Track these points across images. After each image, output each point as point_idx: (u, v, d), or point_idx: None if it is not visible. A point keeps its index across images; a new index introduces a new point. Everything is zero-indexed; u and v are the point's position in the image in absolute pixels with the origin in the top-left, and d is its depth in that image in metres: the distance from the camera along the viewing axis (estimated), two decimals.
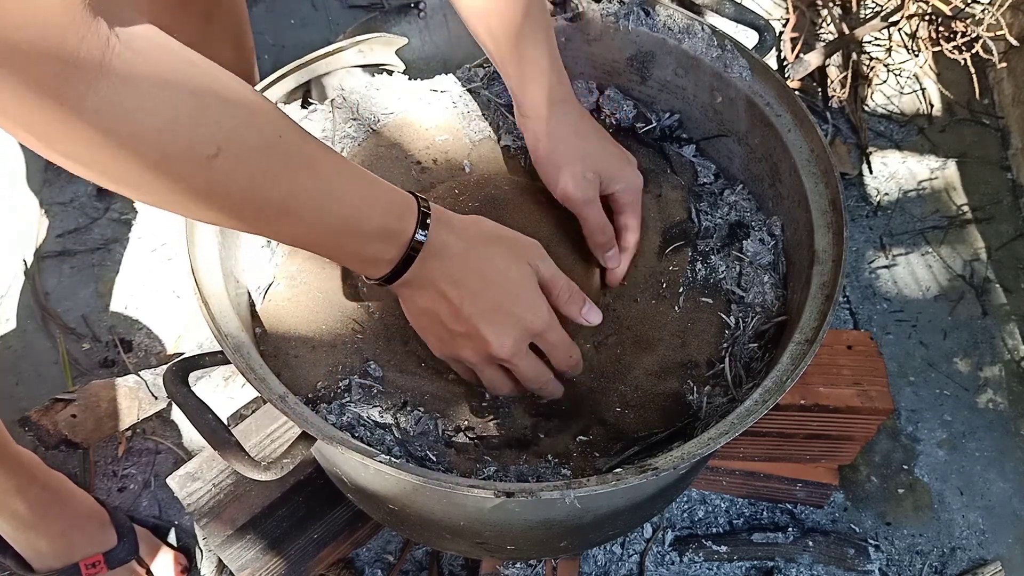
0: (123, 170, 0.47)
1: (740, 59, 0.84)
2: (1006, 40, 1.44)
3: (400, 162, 0.87)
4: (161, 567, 1.10)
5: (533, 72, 0.77)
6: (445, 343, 0.69)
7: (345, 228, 0.59)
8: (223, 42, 1.12)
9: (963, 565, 1.18)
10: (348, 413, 0.70)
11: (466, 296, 0.65)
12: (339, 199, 0.58)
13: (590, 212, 0.79)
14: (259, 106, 0.53)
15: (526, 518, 0.72)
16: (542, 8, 0.76)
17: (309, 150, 0.56)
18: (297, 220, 0.57)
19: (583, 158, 0.78)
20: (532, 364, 0.70)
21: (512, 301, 0.67)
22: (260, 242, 0.81)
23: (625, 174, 0.81)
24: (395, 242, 0.62)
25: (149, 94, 0.45)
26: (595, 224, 0.79)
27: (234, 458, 0.61)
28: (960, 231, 1.47)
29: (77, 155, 0.45)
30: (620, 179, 0.81)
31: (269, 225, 0.57)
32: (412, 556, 1.13)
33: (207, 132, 0.48)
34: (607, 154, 0.81)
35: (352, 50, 0.87)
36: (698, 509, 1.19)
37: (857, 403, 0.99)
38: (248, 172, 0.52)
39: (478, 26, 0.77)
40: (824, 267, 0.73)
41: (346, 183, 0.59)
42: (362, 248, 0.61)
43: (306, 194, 0.56)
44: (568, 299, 0.72)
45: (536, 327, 0.68)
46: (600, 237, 0.79)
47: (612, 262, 0.81)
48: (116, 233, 1.41)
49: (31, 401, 1.21)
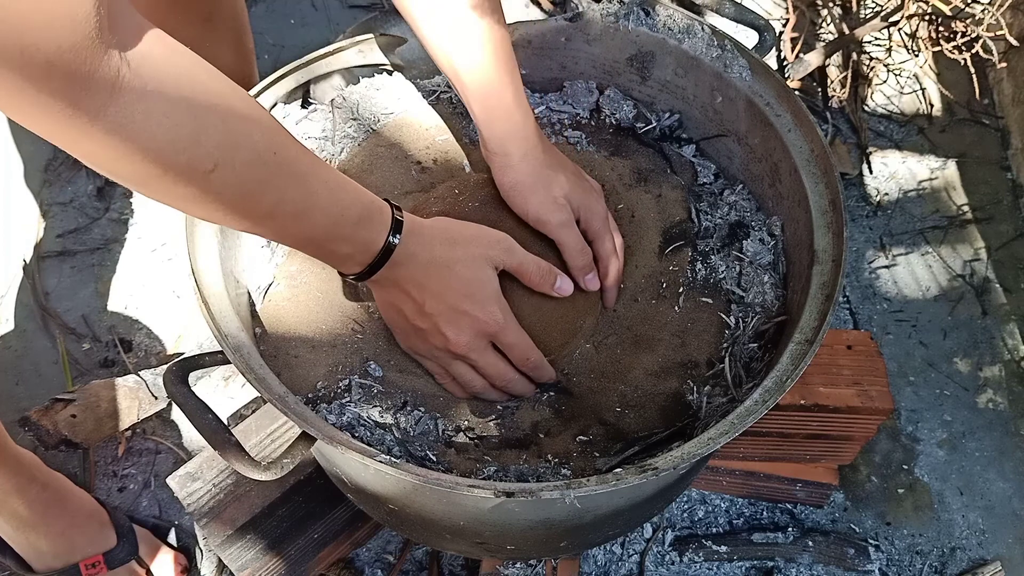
0: (129, 174, 0.53)
1: (740, 59, 0.84)
2: (1006, 40, 1.44)
3: (400, 162, 0.87)
4: (161, 567, 1.10)
5: (499, 111, 0.77)
6: (411, 336, 0.75)
7: (324, 233, 0.65)
8: (223, 43, 1.12)
9: (963, 565, 1.18)
10: (348, 413, 0.70)
11: (428, 297, 0.71)
12: (322, 208, 0.63)
13: (567, 235, 0.78)
14: (257, 122, 0.57)
15: (526, 518, 0.72)
16: (505, 43, 0.76)
17: (301, 165, 0.61)
18: (282, 223, 0.63)
19: (550, 186, 0.78)
20: (492, 361, 0.74)
21: (469, 303, 0.71)
22: (260, 242, 0.81)
23: (590, 202, 0.81)
24: (367, 249, 0.67)
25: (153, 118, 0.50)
26: (573, 247, 0.78)
27: (234, 458, 0.62)
28: (960, 231, 1.47)
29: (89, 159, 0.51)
30: (586, 207, 0.80)
31: (255, 226, 0.63)
32: (412, 556, 1.13)
33: (205, 151, 0.53)
34: (573, 184, 0.80)
35: (352, 50, 0.87)
36: (698, 509, 1.19)
37: (857, 403, 0.99)
38: (240, 183, 0.57)
39: (443, 62, 0.77)
40: (824, 267, 0.73)
41: (331, 194, 0.64)
42: (337, 249, 0.67)
43: (292, 203, 0.61)
44: (540, 279, 0.76)
45: (490, 328, 0.73)
46: (580, 260, 0.79)
47: (592, 284, 0.80)
48: (116, 233, 1.41)
49: (31, 401, 1.21)
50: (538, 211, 0.78)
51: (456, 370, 0.75)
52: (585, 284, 0.80)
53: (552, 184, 0.78)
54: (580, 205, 0.80)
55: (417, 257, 0.69)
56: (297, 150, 0.61)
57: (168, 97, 0.50)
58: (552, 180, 0.78)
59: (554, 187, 0.78)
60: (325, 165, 0.65)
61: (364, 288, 0.79)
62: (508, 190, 0.79)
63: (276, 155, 0.58)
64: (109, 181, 1.45)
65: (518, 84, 0.78)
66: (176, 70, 0.51)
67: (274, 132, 0.59)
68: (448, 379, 0.77)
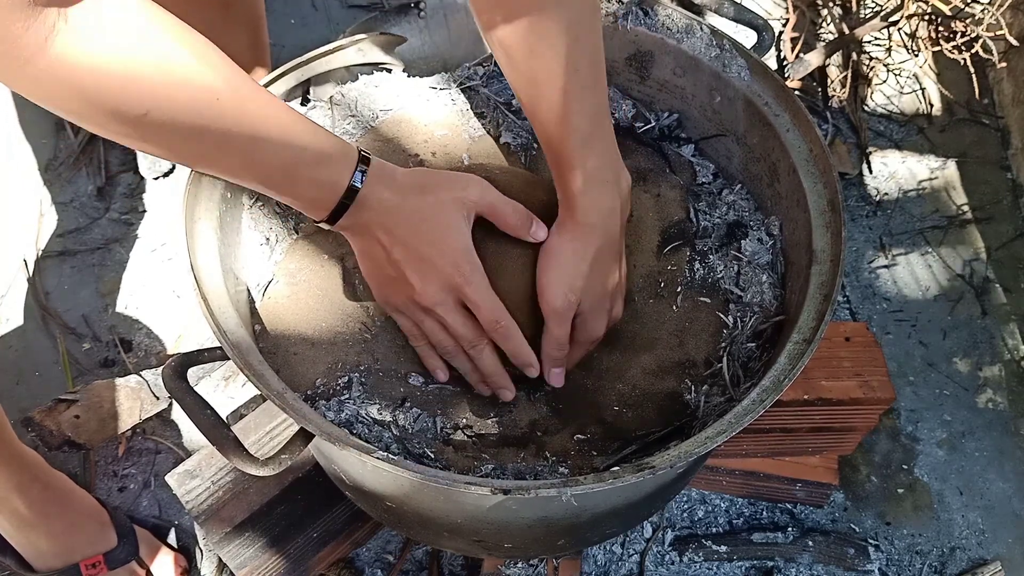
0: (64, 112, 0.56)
1: (739, 59, 0.84)
2: (1006, 40, 1.44)
3: (396, 156, 0.87)
4: (161, 568, 1.10)
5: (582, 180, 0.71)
6: (383, 287, 0.74)
7: (281, 174, 0.65)
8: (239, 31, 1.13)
9: (963, 565, 1.18)
10: (346, 410, 0.70)
11: (396, 243, 0.69)
12: (274, 151, 0.63)
13: (555, 325, 0.74)
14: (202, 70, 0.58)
15: (524, 516, 0.72)
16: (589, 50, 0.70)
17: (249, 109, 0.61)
18: (228, 166, 0.63)
19: (573, 277, 0.73)
20: (460, 320, 0.72)
21: (437, 253, 0.70)
22: (259, 239, 0.81)
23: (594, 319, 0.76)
24: (332, 189, 0.66)
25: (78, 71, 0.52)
26: (555, 338, 0.74)
27: (232, 454, 0.62)
28: (960, 231, 1.47)
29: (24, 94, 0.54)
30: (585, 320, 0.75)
31: (205, 167, 0.65)
32: (412, 556, 1.13)
33: (136, 98, 0.55)
34: (596, 295, 0.75)
35: (352, 49, 0.87)
36: (698, 509, 1.19)
37: (860, 394, 0.99)
38: (176, 128, 0.58)
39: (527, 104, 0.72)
40: (822, 267, 0.73)
41: (284, 136, 0.63)
42: (302, 192, 0.67)
43: (239, 147, 0.61)
44: (517, 222, 0.73)
45: (455, 280, 0.70)
46: (554, 352, 0.75)
47: (553, 379, 0.77)
48: (116, 233, 1.41)
49: (31, 401, 1.21)
50: (547, 287, 0.73)
51: (427, 327, 0.74)
52: (548, 373, 0.76)
53: (577, 278, 0.73)
54: (584, 312, 0.75)
55: (385, 201, 0.68)
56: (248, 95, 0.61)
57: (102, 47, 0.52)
58: (579, 275, 0.73)
59: (577, 280, 0.73)
60: (285, 109, 0.64)
61: (360, 286, 0.79)
62: (545, 249, 0.74)
63: (219, 100, 0.59)
64: (109, 181, 1.45)
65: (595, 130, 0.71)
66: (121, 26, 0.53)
67: (221, 79, 0.59)
68: (422, 341, 0.75)
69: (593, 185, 0.72)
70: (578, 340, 0.77)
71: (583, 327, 0.76)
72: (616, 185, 0.74)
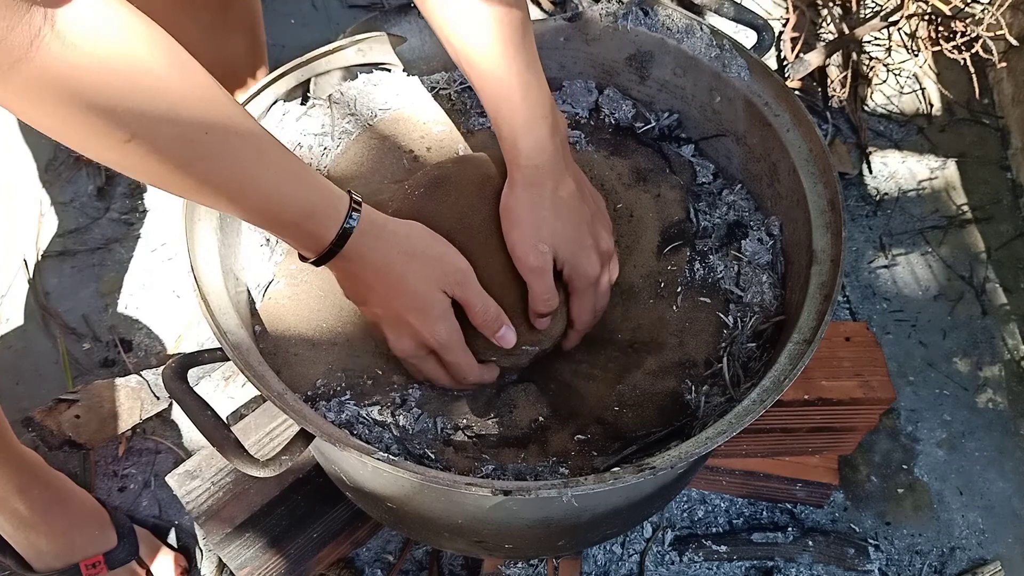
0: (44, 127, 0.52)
1: (738, 59, 0.84)
2: (1006, 40, 1.44)
3: (393, 152, 0.87)
4: (161, 568, 1.10)
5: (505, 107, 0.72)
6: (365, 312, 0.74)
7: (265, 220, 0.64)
8: (237, 32, 1.13)
9: (963, 565, 1.18)
10: (347, 410, 0.70)
11: (375, 298, 0.70)
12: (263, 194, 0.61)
13: (535, 281, 0.73)
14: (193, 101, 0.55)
15: (524, 517, 0.72)
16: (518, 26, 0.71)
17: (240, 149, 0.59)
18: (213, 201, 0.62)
19: (538, 227, 0.73)
20: (432, 368, 0.74)
21: (414, 315, 0.70)
22: (259, 240, 0.81)
23: (579, 260, 0.75)
24: (317, 243, 0.65)
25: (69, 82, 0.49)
26: (538, 295, 0.74)
27: (232, 454, 0.62)
28: (960, 231, 1.47)
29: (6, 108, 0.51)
30: (573, 264, 0.75)
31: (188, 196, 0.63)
32: (412, 556, 1.13)
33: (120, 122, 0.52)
34: (569, 234, 0.74)
35: (351, 49, 0.87)
36: (698, 509, 1.19)
37: (860, 394, 0.99)
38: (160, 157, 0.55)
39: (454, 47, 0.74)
40: (822, 267, 0.73)
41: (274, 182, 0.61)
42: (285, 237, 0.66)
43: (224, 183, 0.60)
44: (484, 321, 0.72)
45: (431, 345, 0.71)
46: (541, 307, 0.74)
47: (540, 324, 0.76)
48: (116, 233, 1.41)
49: (31, 401, 1.21)
50: (514, 246, 0.73)
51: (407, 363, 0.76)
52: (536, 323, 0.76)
53: (541, 226, 0.73)
54: (567, 259, 0.75)
55: (367, 259, 0.67)
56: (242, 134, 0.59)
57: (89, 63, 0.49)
58: (543, 222, 0.73)
59: (543, 229, 0.73)
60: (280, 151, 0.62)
61: None
62: (502, 210, 0.74)
63: (207, 135, 0.56)
64: (109, 181, 1.45)
65: (527, 77, 0.72)
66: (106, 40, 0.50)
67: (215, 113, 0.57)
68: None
69: (534, 123, 0.72)
70: (577, 288, 0.76)
71: (576, 273, 0.75)
72: (554, 119, 0.74)
